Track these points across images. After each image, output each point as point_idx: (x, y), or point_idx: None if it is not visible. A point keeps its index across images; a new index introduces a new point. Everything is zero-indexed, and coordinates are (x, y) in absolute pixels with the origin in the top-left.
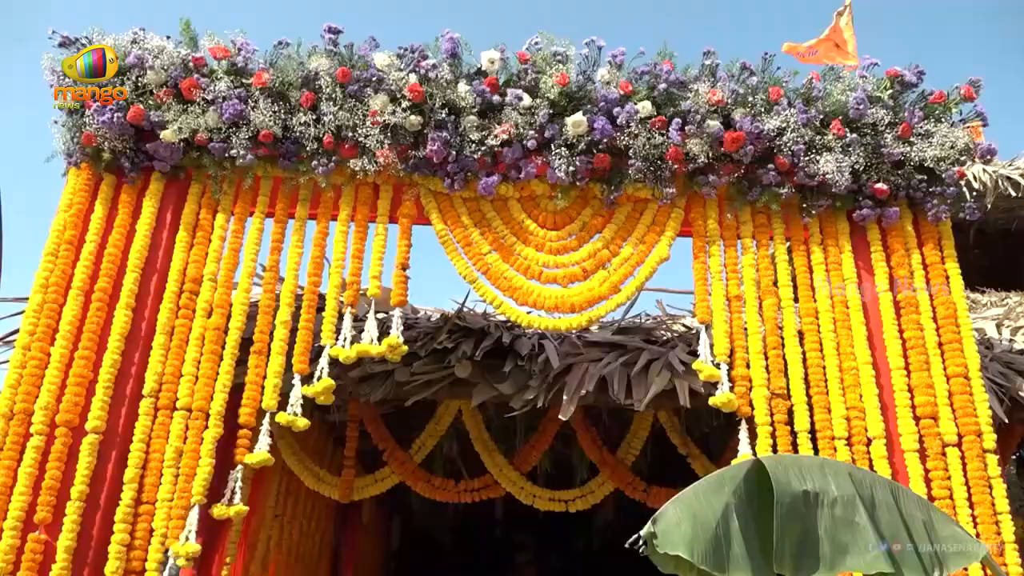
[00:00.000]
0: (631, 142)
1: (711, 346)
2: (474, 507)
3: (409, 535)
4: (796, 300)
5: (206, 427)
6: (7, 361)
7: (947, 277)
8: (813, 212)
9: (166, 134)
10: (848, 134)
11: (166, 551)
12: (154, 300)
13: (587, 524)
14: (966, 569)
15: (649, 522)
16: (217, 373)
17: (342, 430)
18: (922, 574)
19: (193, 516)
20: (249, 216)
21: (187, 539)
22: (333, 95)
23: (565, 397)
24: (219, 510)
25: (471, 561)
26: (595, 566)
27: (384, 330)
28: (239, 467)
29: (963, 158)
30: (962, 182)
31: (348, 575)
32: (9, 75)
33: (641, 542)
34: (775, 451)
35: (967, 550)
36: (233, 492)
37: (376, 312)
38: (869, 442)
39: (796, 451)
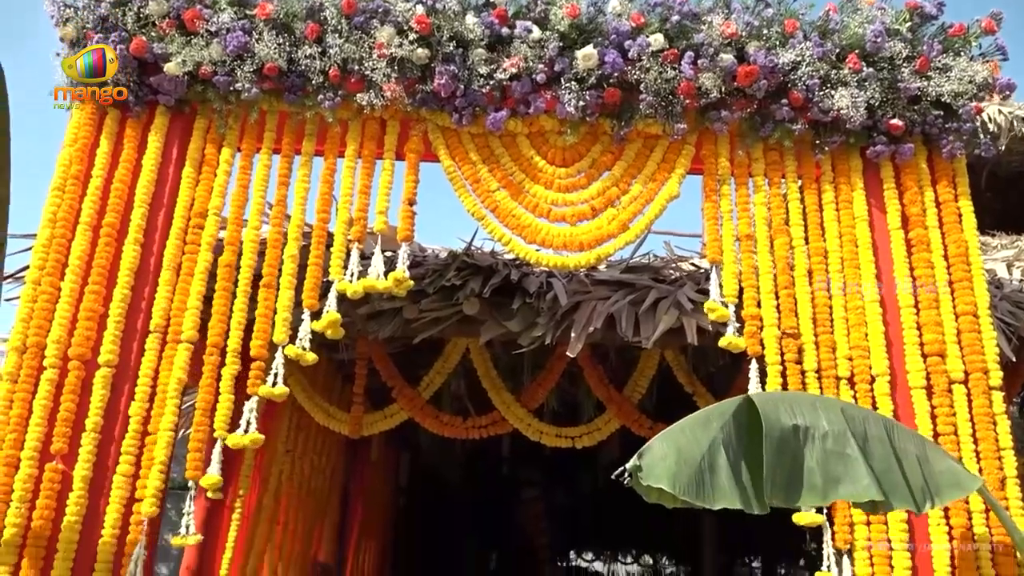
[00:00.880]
0: (642, 76)
1: (721, 286)
2: (481, 445)
3: (418, 472)
4: (806, 239)
5: (222, 363)
6: (18, 297)
7: (960, 215)
8: (826, 149)
9: (170, 67)
10: (864, 68)
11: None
12: (162, 235)
13: (593, 462)
14: (967, 503)
15: (635, 455)
16: (230, 309)
17: (351, 368)
18: (911, 505)
19: (217, 450)
20: (256, 152)
21: (217, 473)
22: (339, 27)
23: (573, 334)
24: (235, 439)
25: (478, 497)
26: (600, 502)
27: (391, 266)
28: (253, 398)
29: (981, 93)
30: (978, 120)
31: (358, 510)
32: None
33: (627, 474)
34: (785, 390)
35: (961, 482)
36: (248, 422)
37: (383, 249)
38: (872, 380)
39: (804, 389)
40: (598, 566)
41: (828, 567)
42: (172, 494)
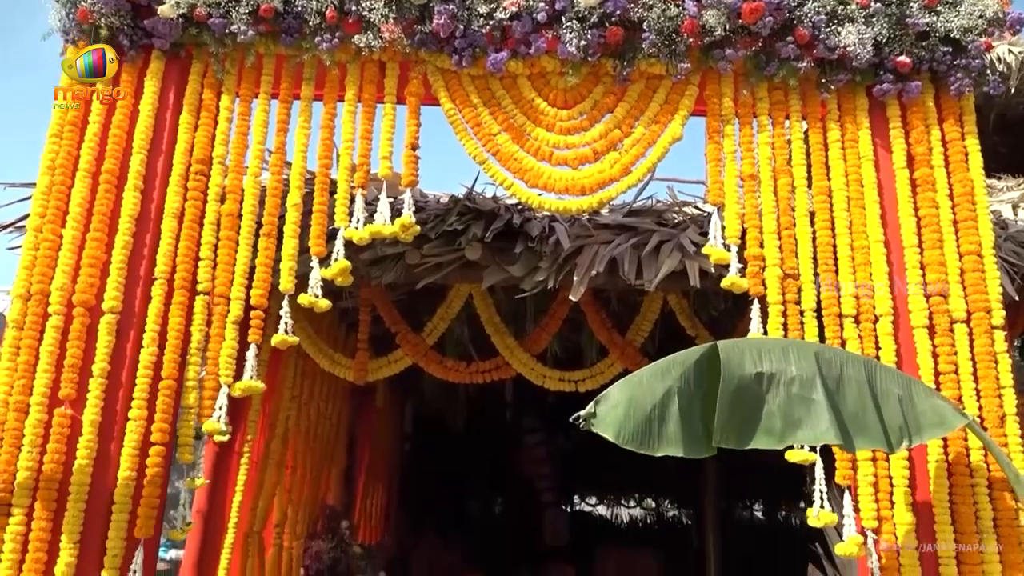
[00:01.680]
0: (645, 14)
1: (722, 228)
2: (485, 392)
3: (422, 419)
4: (810, 180)
5: (227, 311)
6: (20, 246)
7: (966, 154)
8: (832, 87)
9: (163, 9)
10: (872, 3)
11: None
12: (162, 182)
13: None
14: (966, 440)
15: (593, 402)
16: (233, 258)
17: (354, 316)
18: (880, 444)
19: (223, 396)
20: (254, 98)
21: (218, 419)
22: None
23: (575, 278)
24: (241, 386)
25: (482, 443)
26: (603, 448)
27: (396, 212)
28: (253, 346)
29: (991, 28)
30: (987, 57)
31: (365, 455)
32: None
33: (582, 420)
34: (786, 331)
35: (945, 420)
36: (254, 370)
37: (387, 195)
38: (876, 320)
39: (803, 330)
40: (601, 510)
41: (820, 505)
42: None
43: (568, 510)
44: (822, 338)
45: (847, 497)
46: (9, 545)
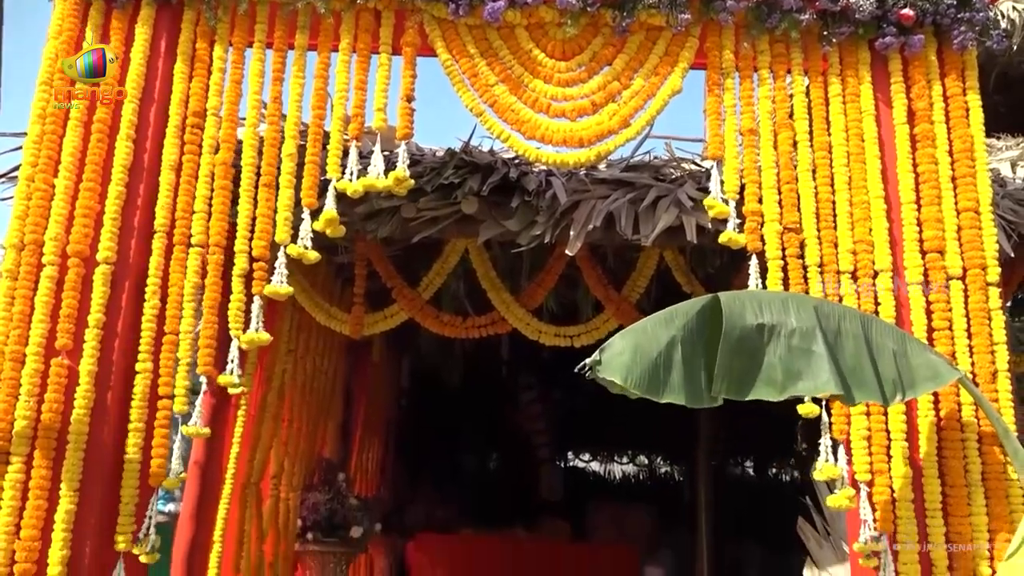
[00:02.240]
0: None
1: (722, 182)
2: (480, 349)
3: (418, 375)
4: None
5: (225, 263)
6: (12, 197)
7: (967, 109)
8: (834, 40)
9: None
10: None
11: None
12: (155, 132)
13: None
14: (958, 395)
15: (597, 351)
16: (230, 209)
17: (350, 271)
18: (877, 397)
19: (234, 348)
20: (248, 47)
21: (231, 372)
22: None
23: (572, 233)
24: (246, 338)
25: (478, 400)
26: (597, 406)
27: (390, 165)
28: (257, 298)
29: None
30: (992, 12)
31: (361, 410)
32: None
33: (587, 368)
34: (786, 286)
35: (938, 375)
36: (259, 321)
37: (381, 149)
38: (875, 275)
39: (806, 285)
40: (595, 467)
41: (826, 459)
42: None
43: (562, 466)
44: (820, 294)
45: (841, 451)
46: (8, 493)
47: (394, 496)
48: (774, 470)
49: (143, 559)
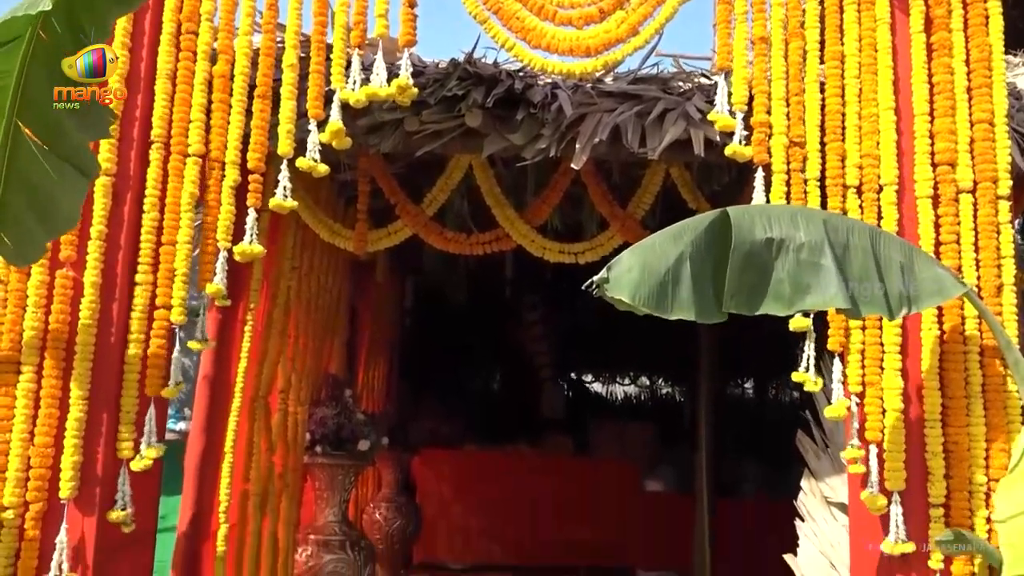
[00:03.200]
0: None
1: (729, 94)
2: (484, 268)
3: (422, 295)
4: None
5: (223, 176)
6: None
7: (987, 16)
8: None
9: None
10: None
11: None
12: (151, 40)
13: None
14: (962, 308)
15: (605, 268)
16: (227, 121)
17: (353, 190)
18: (883, 311)
19: (222, 260)
20: None
21: (219, 282)
22: None
23: (578, 146)
24: (239, 249)
25: (482, 320)
26: (600, 327)
27: (393, 75)
28: (252, 211)
29: None
30: None
31: (365, 329)
32: None
33: (595, 286)
34: (789, 200)
35: (944, 289)
36: (254, 233)
37: (384, 59)
38: (880, 189)
39: (806, 200)
40: (597, 387)
41: (806, 368)
42: None
43: (565, 386)
44: (825, 208)
45: (837, 364)
46: (22, 401)
47: (399, 412)
48: (774, 391)
49: (133, 466)
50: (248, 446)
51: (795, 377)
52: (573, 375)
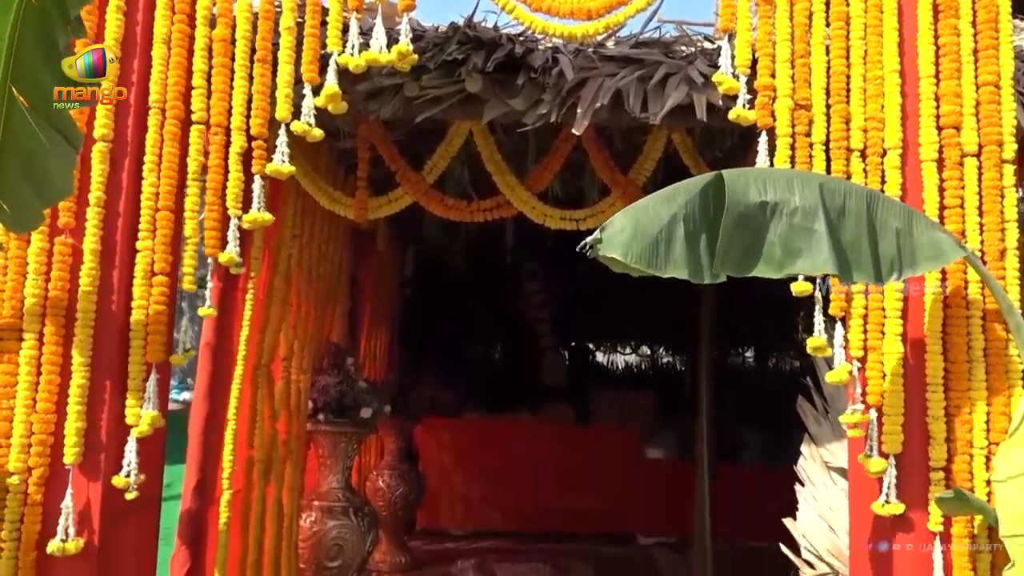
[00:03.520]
0: None
1: (732, 57)
2: (485, 237)
3: (423, 265)
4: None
5: (227, 142)
6: None
7: None
8: None
9: None
10: None
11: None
12: (147, 4)
13: (594, 257)
14: (965, 273)
15: (599, 228)
16: (229, 86)
17: (353, 158)
18: (871, 277)
19: (234, 229)
20: None
21: (232, 251)
22: None
23: (579, 111)
24: (248, 218)
25: (482, 290)
26: (601, 296)
27: (392, 41)
28: (257, 178)
29: None
30: None
31: (366, 298)
32: None
33: (588, 247)
34: (793, 163)
35: (942, 253)
36: (262, 201)
37: (384, 24)
38: (884, 153)
39: (812, 164)
40: (598, 356)
41: (818, 333)
42: None
43: (566, 355)
44: (829, 172)
45: (838, 328)
46: (24, 368)
47: (401, 381)
48: (774, 360)
49: (134, 433)
50: (251, 413)
51: (810, 343)
52: (574, 344)
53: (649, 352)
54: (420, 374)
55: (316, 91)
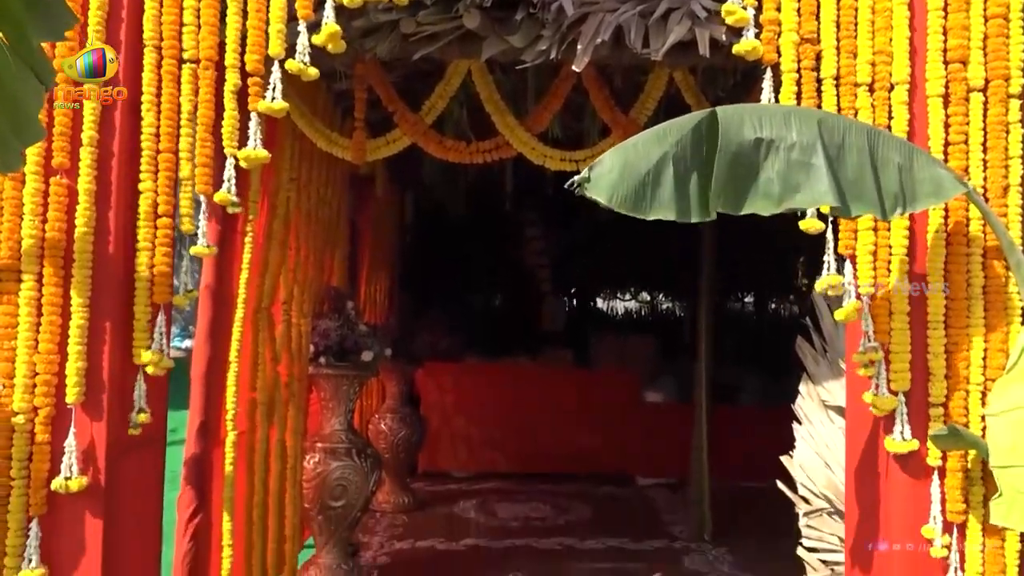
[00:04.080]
0: None
1: None
2: (484, 183)
3: (422, 210)
4: None
5: (218, 79)
6: None
7: None
8: None
9: None
10: None
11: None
12: None
13: (594, 202)
14: (967, 210)
15: (587, 167)
16: (221, 22)
17: (349, 100)
18: (875, 210)
19: (230, 167)
20: None
21: (228, 190)
22: None
23: (579, 47)
24: (243, 154)
25: (482, 236)
26: (600, 243)
27: None
28: (254, 115)
29: None
30: None
31: (366, 244)
32: None
33: (576, 185)
34: (799, 100)
35: (942, 189)
36: (258, 138)
37: None
38: (891, 88)
39: (820, 99)
40: (598, 303)
41: (828, 271)
42: None
43: (565, 301)
44: (839, 109)
45: (848, 267)
46: (25, 309)
47: (401, 325)
48: (773, 305)
49: (150, 370)
50: (253, 356)
51: (822, 281)
52: (574, 290)
53: (649, 298)
54: (420, 319)
55: (311, 28)
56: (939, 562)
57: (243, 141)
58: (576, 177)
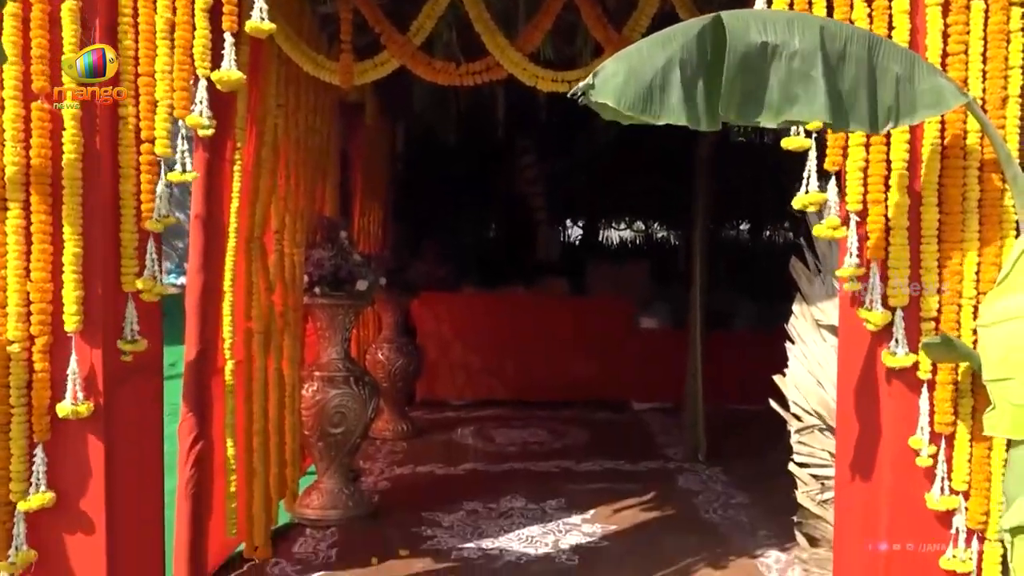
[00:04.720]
0: None
1: None
2: (476, 108)
3: (414, 141)
4: None
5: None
6: None
7: None
8: None
9: None
10: None
11: (176, 122)
12: None
13: (588, 130)
14: (965, 123)
15: (591, 74)
16: None
17: (335, 24)
18: (866, 126)
19: (202, 89)
20: None
21: (200, 113)
22: None
23: None
24: (217, 75)
25: (475, 165)
26: (595, 171)
27: None
28: (228, 35)
29: None
30: None
31: (358, 173)
32: None
33: (580, 93)
34: (791, 5)
35: (942, 100)
36: (232, 59)
37: None
38: None
39: (811, 7)
40: (593, 231)
41: (807, 189)
42: None
43: (560, 231)
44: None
45: (832, 184)
46: (13, 237)
47: (395, 255)
48: (768, 232)
49: (144, 296)
50: (247, 285)
51: (802, 199)
52: (568, 221)
53: (644, 227)
54: (414, 249)
55: None
56: (927, 470)
57: (218, 63)
58: (580, 84)
